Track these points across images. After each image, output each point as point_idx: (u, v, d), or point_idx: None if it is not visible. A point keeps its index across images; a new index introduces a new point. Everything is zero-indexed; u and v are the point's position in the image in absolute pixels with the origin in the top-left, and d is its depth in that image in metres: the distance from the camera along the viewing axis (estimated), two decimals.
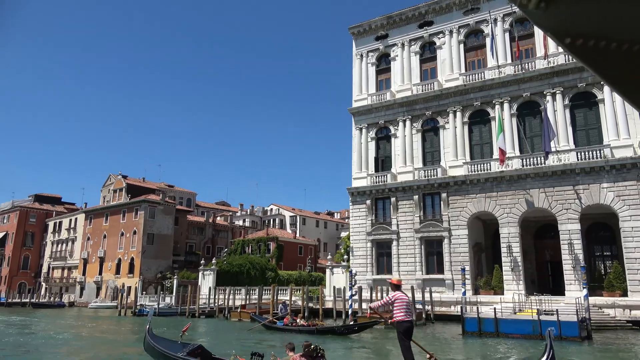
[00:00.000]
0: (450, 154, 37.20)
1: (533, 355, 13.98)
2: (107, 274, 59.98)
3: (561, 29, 0.87)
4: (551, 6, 0.84)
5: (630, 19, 0.81)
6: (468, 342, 20.93)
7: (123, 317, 38.40)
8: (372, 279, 37.43)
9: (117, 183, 65.23)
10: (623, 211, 30.25)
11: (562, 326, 19.76)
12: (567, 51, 0.91)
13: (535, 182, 33.14)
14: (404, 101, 39.81)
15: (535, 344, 19.07)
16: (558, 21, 0.87)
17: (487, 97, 36.54)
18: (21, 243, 76.43)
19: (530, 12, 0.88)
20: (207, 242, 71.21)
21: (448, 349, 19.20)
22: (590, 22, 0.85)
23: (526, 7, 0.88)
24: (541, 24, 0.89)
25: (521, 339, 20.62)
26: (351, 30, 44.72)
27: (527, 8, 0.88)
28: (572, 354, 17.21)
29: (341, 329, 24.67)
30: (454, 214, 35.74)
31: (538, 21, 0.89)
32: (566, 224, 31.86)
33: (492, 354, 18.35)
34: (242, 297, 40.93)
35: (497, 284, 33.30)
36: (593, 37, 0.86)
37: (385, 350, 20.13)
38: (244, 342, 20.39)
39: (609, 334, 24.24)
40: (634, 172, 30.26)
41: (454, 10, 39.74)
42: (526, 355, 16.59)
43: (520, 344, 19.74)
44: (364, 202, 39.55)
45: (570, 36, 0.87)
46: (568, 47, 0.89)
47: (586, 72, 33.21)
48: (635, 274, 29.25)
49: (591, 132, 33.04)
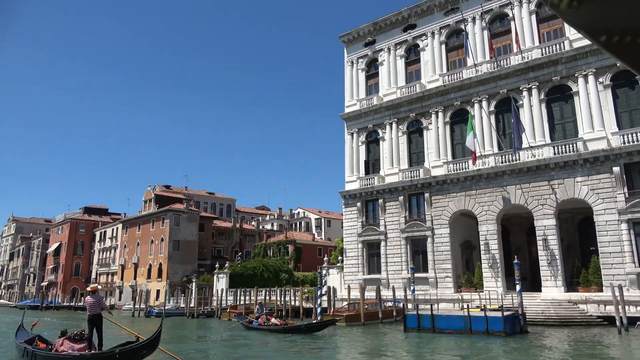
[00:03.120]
0: (433, 154, 37.82)
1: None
2: (140, 278, 65.03)
3: (595, 26, 0.83)
4: (584, 4, 0.81)
5: None
6: (400, 338, 22.04)
7: (136, 318, 42.25)
8: (362, 278, 38.73)
9: (147, 194, 70.33)
10: (597, 205, 29.80)
11: (489, 322, 20.42)
12: (603, 49, 0.88)
13: (511, 179, 33.19)
14: (390, 104, 40.80)
15: (459, 338, 19.99)
16: (592, 19, 0.83)
17: (466, 96, 36.86)
18: (72, 252, 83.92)
19: (562, 11, 0.84)
20: (235, 246, 74.79)
21: (380, 344, 20.52)
22: (626, 17, 0.80)
23: (558, 6, 0.84)
24: (574, 22, 0.86)
25: (454, 334, 21.47)
26: (341, 38, 46.23)
27: (558, 7, 0.84)
28: (479, 349, 18.04)
29: (305, 327, 26.40)
30: (436, 213, 36.38)
31: (571, 20, 0.86)
32: (542, 220, 31.74)
33: (411, 347, 19.48)
34: (248, 298, 43.51)
35: (478, 281, 33.64)
36: (630, 34, 0.81)
37: (338, 343, 21.68)
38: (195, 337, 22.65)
39: (566, 330, 24.35)
40: (607, 164, 29.72)
41: (435, 12, 40.28)
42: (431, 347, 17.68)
43: (448, 338, 20.66)
44: (355, 205, 40.93)
45: (605, 34, 0.83)
46: (604, 45, 0.85)
47: (560, 65, 32.96)
48: (609, 269, 28.77)
49: (567, 126, 32.65)
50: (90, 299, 13.69)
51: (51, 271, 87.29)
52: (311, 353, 18.60)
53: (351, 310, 30.50)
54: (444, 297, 33.73)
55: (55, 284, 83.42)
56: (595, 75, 31.44)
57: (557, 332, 23.02)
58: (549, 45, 33.53)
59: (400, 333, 23.39)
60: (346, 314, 29.41)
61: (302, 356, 17.77)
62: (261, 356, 18.26)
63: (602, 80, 31.27)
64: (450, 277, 34.87)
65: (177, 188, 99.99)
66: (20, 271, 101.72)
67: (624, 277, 28.14)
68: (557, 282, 30.38)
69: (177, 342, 22.02)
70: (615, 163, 29.35)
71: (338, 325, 27.73)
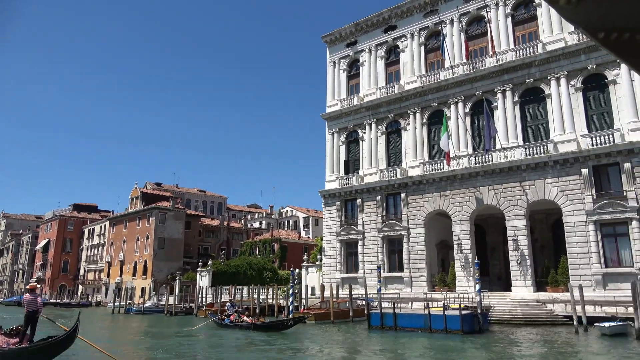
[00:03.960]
0: (411, 155, 38.20)
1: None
2: (126, 276, 65.24)
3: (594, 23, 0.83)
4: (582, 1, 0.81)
5: None
6: (362, 336, 22.40)
7: (115, 315, 42.52)
8: (340, 277, 39.08)
9: (134, 192, 70.49)
10: (566, 206, 30.23)
11: (448, 320, 20.81)
12: (601, 46, 0.88)
13: (484, 180, 33.60)
14: (369, 105, 41.13)
15: (419, 336, 20.37)
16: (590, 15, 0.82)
17: (443, 98, 37.23)
18: (61, 248, 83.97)
19: (561, 7, 0.84)
20: (223, 244, 75.06)
21: (338, 342, 20.86)
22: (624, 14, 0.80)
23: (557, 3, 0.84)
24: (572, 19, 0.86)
25: (414, 332, 21.85)
26: (324, 39, 46.51)
27: (557, 4, 0.84)
28: (430, 346, 18.42)
29: (274, 325, 26.73)
30: (412, 213, 36.76)
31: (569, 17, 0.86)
32: (513, 220, 32.18)
33: (366, 344, 19.84)
34: (228, 296, 43.82)
35: (452, 281, 34.05)
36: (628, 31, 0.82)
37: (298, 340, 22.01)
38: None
39: (528, 329, 24.77)
40: (576, 166, 30.15)
41: (415, 13, 40.62)
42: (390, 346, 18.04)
43: (408, 336, 21.03)
44: (334, 204, 41.26)
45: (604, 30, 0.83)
46: (602, 42, 0.85)
47: (534, 68, 33.37)
48: (576, 269, 29.21)
49: (540, 128, 33.08)
50: (29, 296, 14.07)
51: (39, 268, 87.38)
52: (263, 349, 18.93)
53: (322, 309, 30.87)
54: (418, 296, 34.10)
55: (44, 281, 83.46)
56: (567, 78, 31.87)
57: (517, 331, 23.44)
58: (523, 48, 33.94)
59: (365, 331, 23.75)
60: (315, 312, 29.79)
61: (252, 352, 18.10)
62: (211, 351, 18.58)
63: (574, 83, 31.70)
64: (424, 276, 35.27)
65: (168, 185, 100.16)
66: (9, 268, 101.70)
67: (590, 278, 28.60)
68: (527, 282, 30.81)
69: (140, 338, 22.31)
70: (584, 165, 29.79)
71: (308, 323, 28.08)
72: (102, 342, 16.81)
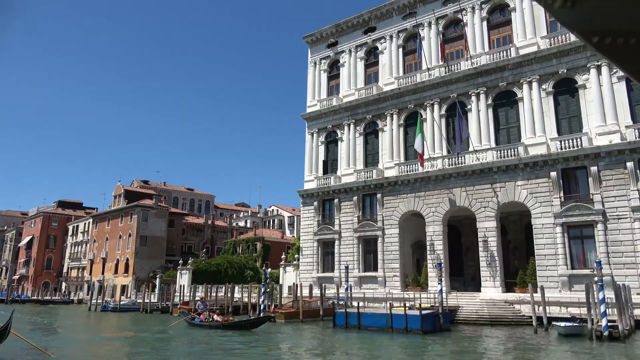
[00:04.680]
0: (387, 156, 38.49)
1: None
2: (107, 273, 65.05)
3: (588, 27, 0.84)
4: (578, 5, 0.81)
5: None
6: (326, 334, 22.65)
7: (92, 312, 42.49)
8: (317, 276, 39.30)
9: (117, 189, 70.26)
10: (535, 208, 30.67)
11: (408, 320, 21.10)
12: (595, 50, 0.88)
13: (457, 181, 33.97)
14: (348, 106, 41.38)
15: (380, 335, 20.63)
16: (585, 20, 0.83)
17: (419, 100, 37.56)
18: (45, 245, 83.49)
19: (555, 11, 0.84)
20: (207, 243, 75.02)
21: (298, 340, 21.08)
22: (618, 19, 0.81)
23: (551, 6, 0.85)
24: (567, 23, 0.86)
25: (377, 331, 22.13)
26: (305, 39, 46.67)
27: (552, 7, 0.85)
28: (385, 344, 18.70)
29: (243, 324, 26.86)
30: (387, 214, 37.06)
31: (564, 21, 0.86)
32: (483, 222, 32.58)
33: (326, 342, 20.08)
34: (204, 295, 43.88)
35: (424, 281, 34.41)
36: (622, 35, 0.82)
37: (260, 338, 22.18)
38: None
39: (491, 329, 25.13)
40: (546, 169, 30.59)
41: (394, 15, 40.91)
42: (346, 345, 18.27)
43: (369, 335, 21.30)
44: (312, 204, 41.47)
45: (598, 35, 0.84)
46: (596, 46, 0.86)
47: (507, 72, 33.79)
48: (544, 271, 29.66)
49: (512, 131, 33.50)
50: None
51: (23, 264, 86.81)
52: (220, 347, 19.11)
53: (293, 308, 31.08)
54: (391, 295, 34.40)
55: (27, 278, 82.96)
56: (538, 82, 32.31)
57: (479, 331, 23.80)
58: (497, 52, 34.34)
59: (329, 330, 24.01)
60: (285, 311, 30.00)
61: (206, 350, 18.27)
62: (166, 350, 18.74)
63: (545, 87, 32.14)
64: (397, 276, 35.60)
65: (155, 183, 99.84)
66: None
67: (557, 279, 29.05)
68: (496, 283, 31.22)
69: (92, 336, 22.38)
70: (553, 168, 30.24)
71: (278, 322, 28.28)
72: (57, 338, 16.89)
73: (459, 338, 20.58)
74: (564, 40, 31.66)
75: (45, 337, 21.71)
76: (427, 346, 18.05)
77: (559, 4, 0.83)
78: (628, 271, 27.12)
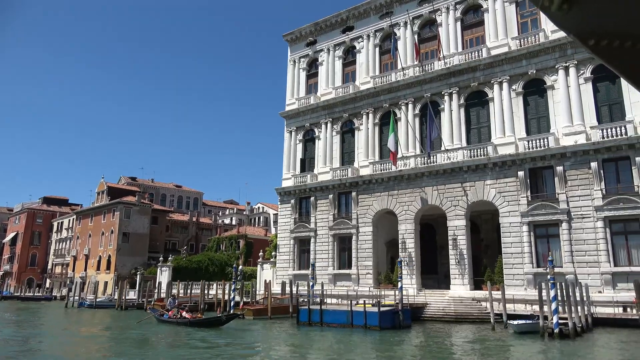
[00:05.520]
0: (362, 154, 38.79)
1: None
2: (90, 270, 64.99)
3: (585, 30, 0.84)
4: (574, 7, 0.82)
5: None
6: (289, 331, 22.93)
7: (68, 309, 42.55)
8: (292, 274, 39.56)
9: (100, 186, 70.14)
10: (503, 207, 31.09)
11: (367, 317, 21.42)
12: (591, 53, 0.89)
13: (429, 180, 34.32)
14: (326, 104, 41.61)
15: (340, 331, 20.92)
16: (581, 22, 0.84)
17: (394, 99, 37.86)
18: (29, 242, 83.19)
19: (552, 14, 0.85)
20: (191, 240, 75.08)
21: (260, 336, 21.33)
22: (614, 22, 0.82)
23: (548, 9, 0.85)
24: (564, 25, 0.86)
25: (337, 327, 22.44)
26: (285, 38, 46.81)
27: (549, 10, 0.85)
28: (335, 340, 18.99)
29: (210, 321, 27.04)
30: (362, 212, 37.37)
31: (560, 23, 0.86)
32: (453, 220, 32.96)
33: (283, 339, 20.35)
34: (183, 292, 44.08)
35: (396, 278, 34.72)
36: (618, 38, 0.83)
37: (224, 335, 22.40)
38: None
39: (453, 326, 25.53)
40: (514, 169, 31.00)
41: (372, 15, 41.15)
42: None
43: (330, 331, 21.60)
44: (289, 202, 41.71)
45: (594, 37, 0.85)
46: (592, 48, 0.87)
47: (479, 72, 34.14)
48: (510, 269, 30.10)
49: (482, 130, 33.89)
50: None
51: (7, 261, 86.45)
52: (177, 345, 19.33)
53: (263, 305, 31.34)
54: (364, 293, 34.75)
55: (11, 274, 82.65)
56: (509, 83, 32.70)
57: (440, 328, 24.16)
58: (469, 52, 34.69)
59: (293, 327, 24.29)
60: (254, 308, 30.25)
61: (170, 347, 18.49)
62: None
63: (515, 87, 32.53)
64: (371, 273, 35.95)
65: (143, 180, 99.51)
66: None
67: (522, 277, 29.50)
68: (464, 281, 31.64)
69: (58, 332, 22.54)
70: (521, 167, 30.66)
71: (247, 319, 28.52)
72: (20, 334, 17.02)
73: (413, 334, 20.94)
74: (533, 42, 32.07)
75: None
76: (374, 341, 18.37)
77: (555, 6, 0.84)
78: (591, 269, 27.61)
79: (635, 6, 0.77)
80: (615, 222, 27.63)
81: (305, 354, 16.64)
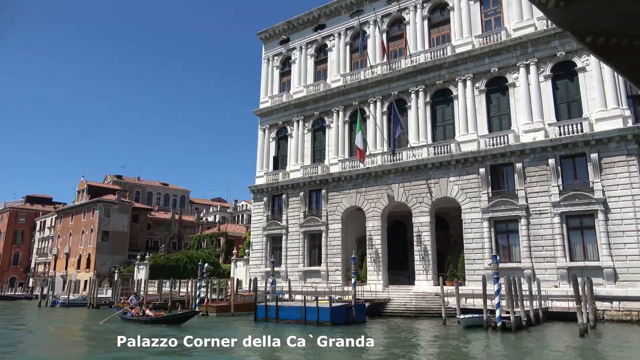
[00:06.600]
0: (332, 152, 39.10)
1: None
2: (71, 268, 65.01)
3: (582, 27, 0.84)
4: (571, 4, 0.81)
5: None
6: (245, 328, 23.24)
7: (43, 307, 42.67)
8: (265, 271, 39.85)
9: (80, 184, 70.06)
10: (465, 203, 31.53)
11: (320, 312, 21.77)
12: (589, 50, 0.88)
13: (396, 178, 34.70)
14: (298, 102, 41.85)
15: (293, 327, 21.27)
16: (578, 20, 0.83)
17: (363, 97, 38.17)
18: (11, 241, 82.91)
19: (549, 11, 0.84)
20: (174, 238, 75.17)
21: (214, 334, 21.60)
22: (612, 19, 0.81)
23: (545, 5, 0.83)
24: (561, 23, 0.86)
25: (292, 323, 22.78)
26: (259, 36, 46.96)
27: (545, 7, 0.83)
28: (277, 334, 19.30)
29: (170, 318, 27.20)
30: (331, 209, 37.72)
31: (557, 20, 0.86)
32: (418, 217, 33.37)
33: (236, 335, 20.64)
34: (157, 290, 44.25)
35: (364, 275, 35.16)
36: (615, 35, 0.82)
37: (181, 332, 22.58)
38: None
39: (409, 321, 25.94)
40: (476, 166, 31.43)
41: (342, 13, 41.39)
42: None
43: (282, 327, 21.93)
44: (262, 199, 41.97)
45: (591, 35, 0.84)
46: (589, 46, 0.86)
47: (444, 70, 34.51)
48: (471, 264, 30.57)
49: (447, 128, 34.29)
50: None
51: None
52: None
53: (226, 302, 31.64)
54: (333, 289, 35.11)
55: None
56: (472, 81, 33.09)
57: (395, 323, 24.59)
58: (435, 50, 35.04)
59: (250, 323, 24.60)
60: (217, 305, 30.55)
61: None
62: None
63: (478, 85, 32.94)
64: (339, 270, 36.34)
65: (128, 178, 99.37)
66: None
67: (483, 272, 29.87)
68: (428, 276, 32.08)
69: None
70: (482, 164, 31.09)
71: (210, 316, 28.78)
72: None
73: (361, 330, 21.31)
74: (496, 40, 32.47)
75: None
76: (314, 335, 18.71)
77: (552, 3, 0.82)
78: (548, 264, 28.12)
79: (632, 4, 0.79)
80: (572, 218, 28.13)
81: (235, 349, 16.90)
